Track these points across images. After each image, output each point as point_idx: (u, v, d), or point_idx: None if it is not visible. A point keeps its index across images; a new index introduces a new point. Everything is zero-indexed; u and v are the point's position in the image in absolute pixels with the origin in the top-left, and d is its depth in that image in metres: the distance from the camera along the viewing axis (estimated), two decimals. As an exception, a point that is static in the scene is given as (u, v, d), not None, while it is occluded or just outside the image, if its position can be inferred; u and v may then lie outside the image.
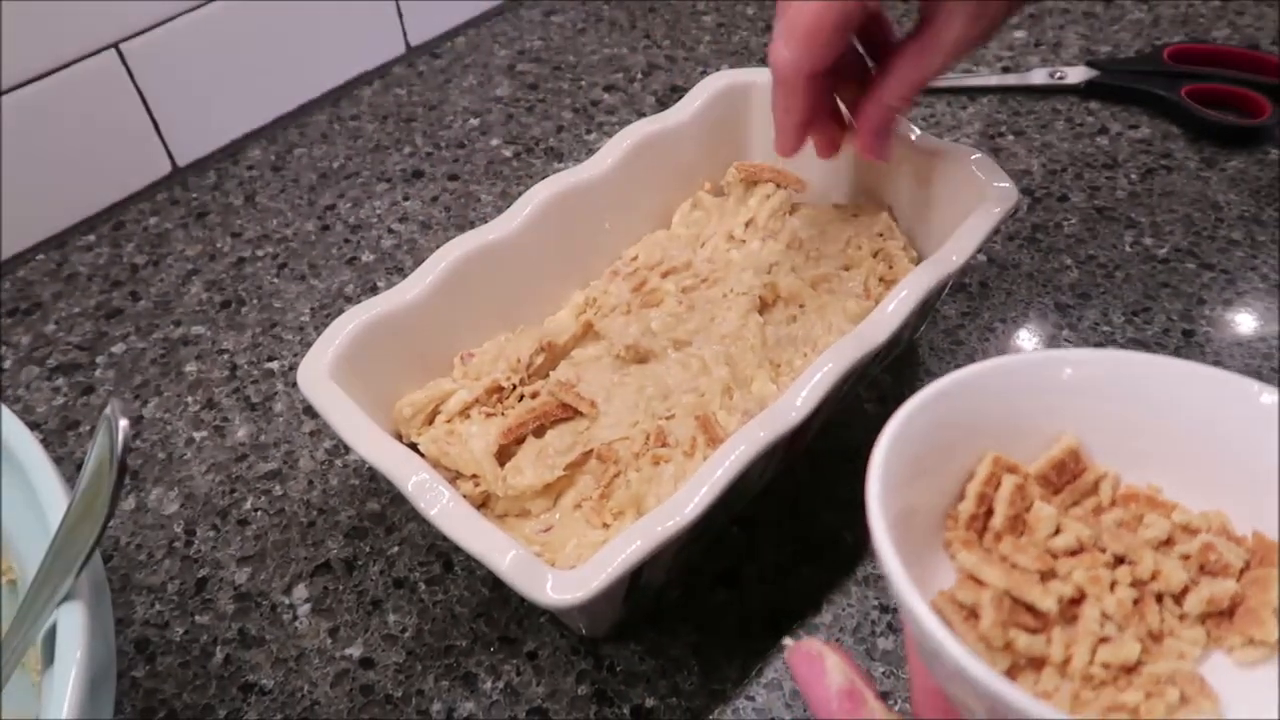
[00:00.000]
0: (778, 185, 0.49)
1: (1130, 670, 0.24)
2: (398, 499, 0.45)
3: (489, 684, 0.39)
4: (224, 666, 0.41)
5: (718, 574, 0.42)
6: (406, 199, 0.61)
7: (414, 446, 0.40)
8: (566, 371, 0.43)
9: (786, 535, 0.43)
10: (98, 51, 0.57)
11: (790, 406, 0.36)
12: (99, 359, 0.53)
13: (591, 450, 0.40)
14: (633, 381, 0.42)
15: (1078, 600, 0.25)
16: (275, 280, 0.57)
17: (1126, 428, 0.27)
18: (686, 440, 0.39)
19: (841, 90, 0.43)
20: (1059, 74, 0.64)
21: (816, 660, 0.25)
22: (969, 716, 0.22)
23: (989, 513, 0.27)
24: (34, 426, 0.50)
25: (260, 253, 0.59)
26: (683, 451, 0.39)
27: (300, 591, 0.43)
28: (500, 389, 0.42)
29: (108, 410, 0.25)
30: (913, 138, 0.46)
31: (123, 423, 0.25)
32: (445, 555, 0.43)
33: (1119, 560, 0.26)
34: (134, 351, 0.54)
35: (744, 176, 0.49)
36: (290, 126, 0.67)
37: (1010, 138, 0.61)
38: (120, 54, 0.58)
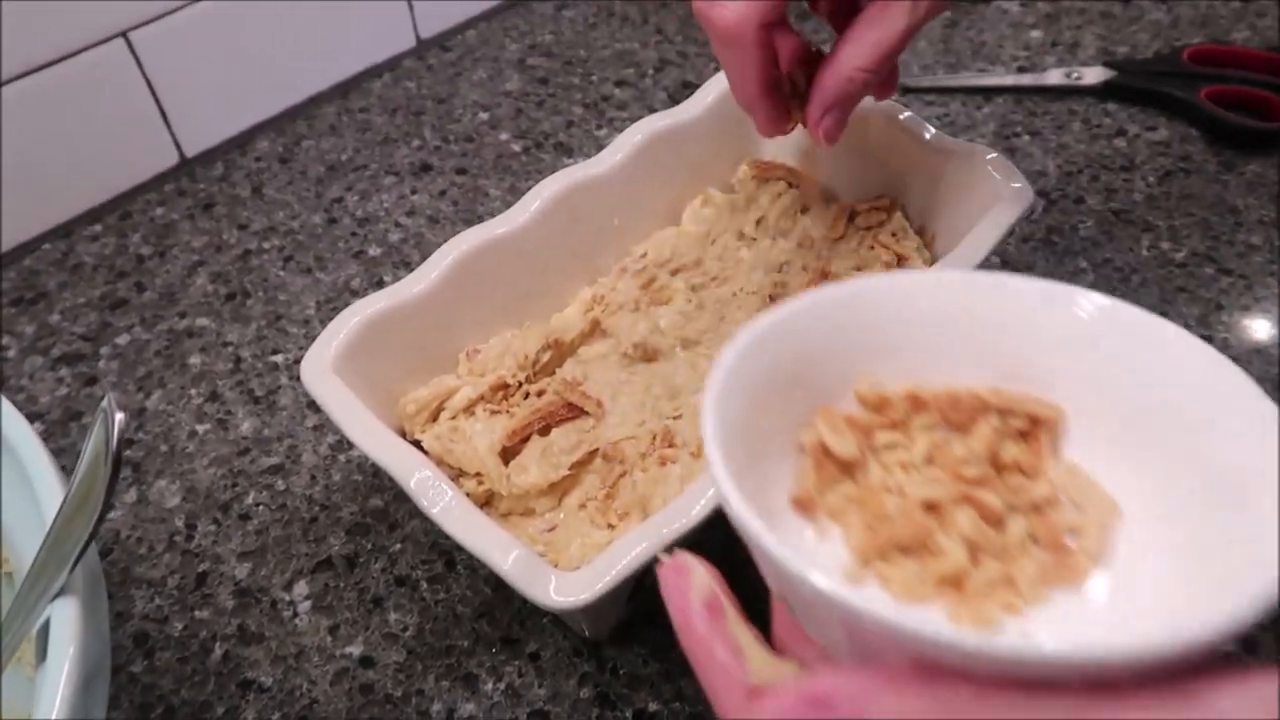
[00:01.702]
0: (789, 183, 0.48)
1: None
2: (401, 495, 0.45)
3: (490, 685, 0.39)
4: (223, 663, 0.40)
5: (725, 574, 0.42)
6: (414, 192, 0.61)
7: (418, 443, 0.40)
8: (573, 369, 0.43)
9: (794, 538, 0.43)
10: (106, 40, 0.57)
11: (800, 408, 0.36)
12: (103, 350, 0.53)
13: (597, 450, 0.39)
14: (640, 380, 0.41)
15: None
16: (281, 273, 0.56)
17: (982, 345, 0.27)
18: (694, 441, 0.39)
19: (793, 73, 0.39)
20: (1076, 74, 0.63)
21: (684, 572, 0.25)
22: (815, 632, 0.23)
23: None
24: (37, 417, 0.50)
25: (267, 245, 0.58)
26: (689, 452, 0.38)
27: (301, 588, 0.42)
28: (506, 386, 0.41)
29: (104, 403, 0.25)
30: (927, 137, 0.45)
31: (119, 416, 0.25)
32: (448, 553, 0.43)
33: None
34: (138, 343, 0.53)
35: (755, 174, 0.49)
36: (299, 118, 0.67)
37: (1026, 138, 0.60)
38: (129, 43, 0.58)
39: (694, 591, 0.24)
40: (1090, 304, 0.26)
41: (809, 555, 0.25)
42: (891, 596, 0.24)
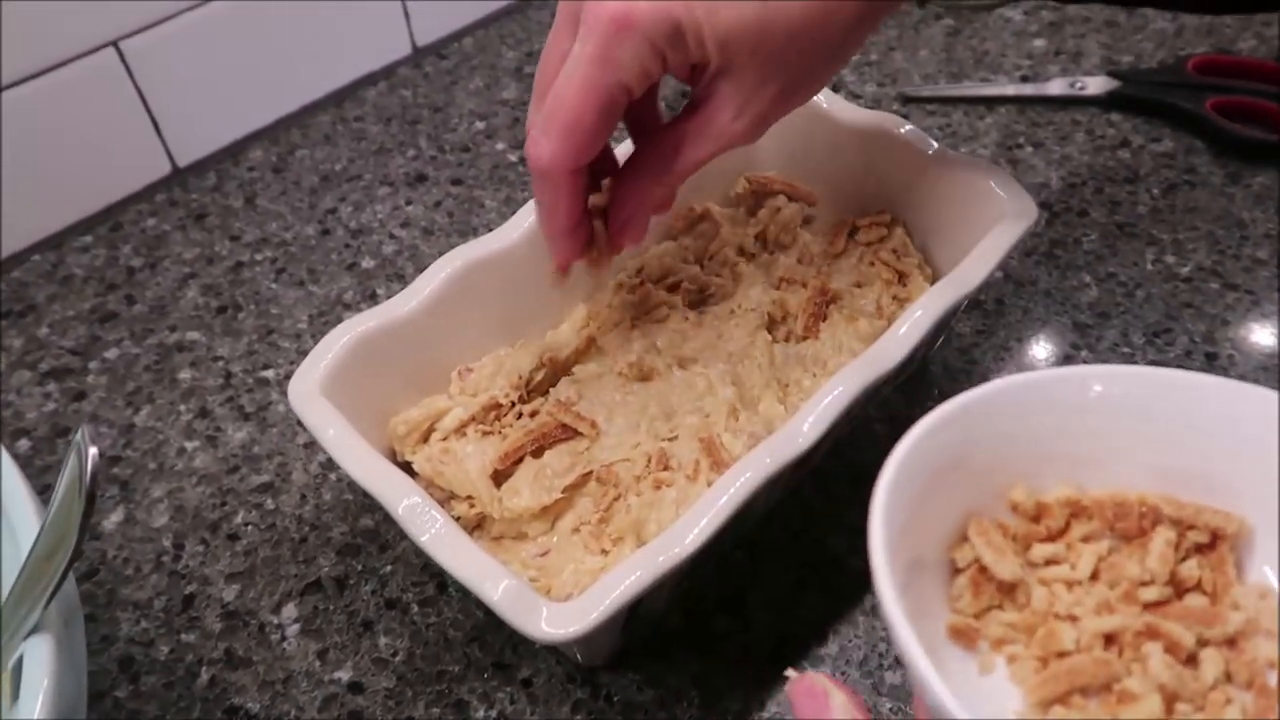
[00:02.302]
0: (789, 198, 0.48)
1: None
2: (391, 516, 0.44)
3: (481, 712, 0.38)
4: (209, 688, 0.39)
5: (720, 600, 0.41)
6: (409, 203, 0.60)
7: (408, 465, 0.39)
8: (567, 389, 0.42)
9: (792, 561, 0.42)
10: (97, 49, 0.56)
11: (798, 432, 0.35)
12: (91, 364, 0.52)
13: (591, 472, 0.39)
14: (635, 400, 0.41)
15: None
16: (273, 285, 0.56)
17: (1155, 445, 0.26)
18: (690, 463, 0.38)
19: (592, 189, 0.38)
20: (1079, 84, 0.62)
21: (821, 697, 0.24)
22: None
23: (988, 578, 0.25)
24: (24, 433, 0.49)
25: (259, 257, 0.58)
26: (685, 475, 0.38)
27: (289, 611, 0.42)
28: (498, 406, 0.41)
29: (76, 437, 0.24)
30: (930, 152, 0.45)
31: (92, 451, 0.24)
32: (439, 576, 0.42)
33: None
34: (127, 357, 0.53)
35: (754, 188, 0.48)
36: (293, 127, 0.66)
37: (1028, 149, 0.60)
38: (120, 52, 0.57)
39: (833, 715, 0.23)
40: (1264, 401, 0.24)
41: (974, 693, 0.24)
42: None
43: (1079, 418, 0.26)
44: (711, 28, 0.31)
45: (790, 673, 0.24)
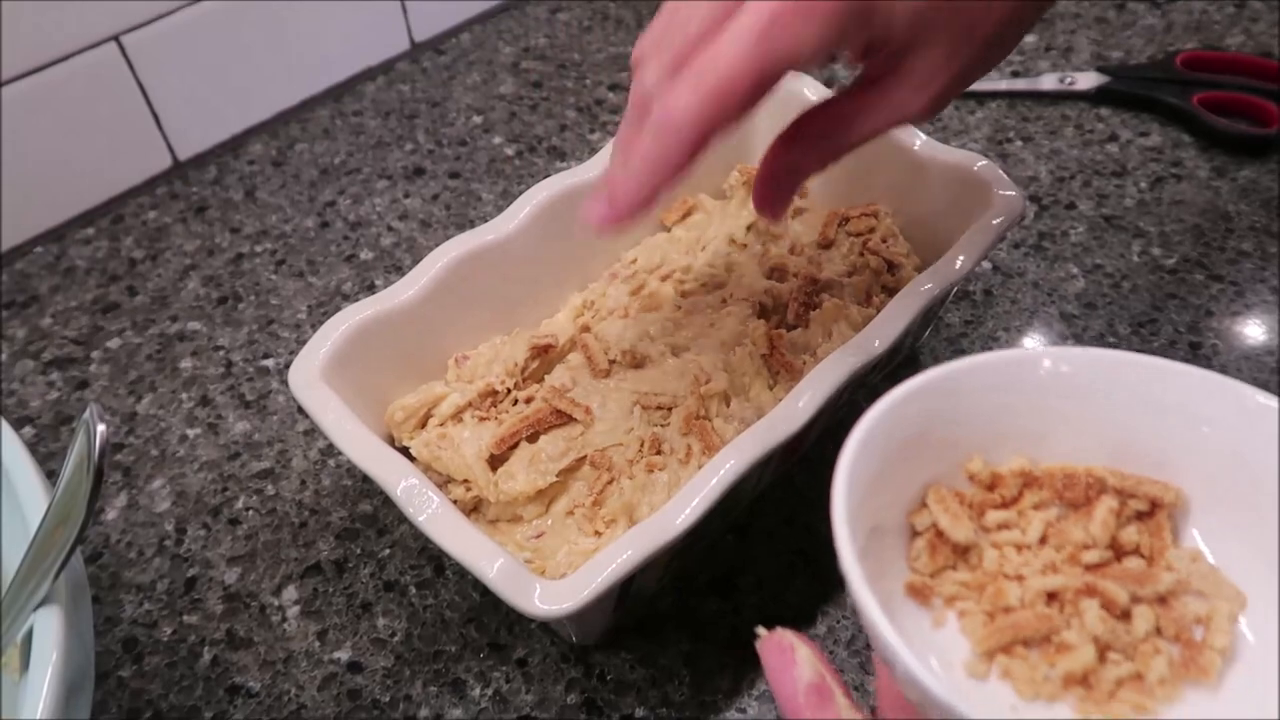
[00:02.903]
0: (780, 189, 0.48)
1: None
2: (390, 500, 0.45)
3: (478, 690, 0.39)
4: (211, 668, 0.40)
5: (711, 582, 0.42)
6: (407, 196, 0.61)
7: (406, 450, 0.40)
8: (562, 375, 0.42)
9: (781, 544, 0.43)
10: (98, 44, 0.57)
11: (787, 416, 0.36)
12: (94, 354, 0.53)
13: (585, 456, 0.39)
14: (629, 387, 0.41)
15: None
16: (273, 277, 0.57)
17: (1104, 421, 0.27)
18: (682, 448, 0.39)
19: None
20: (1069, 80, 0.63)
21: (787, 651, 0.24)
22: (930, 718, 0.22)
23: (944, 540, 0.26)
24: (28, 421, 0.50)
25: (259, 249, 0.58)
26: (678, 459, 0.39)
27: (290, 593, 0.42)
28: (494, 393, 0.41)
29: (85, 414, 0.25)
30: (917, 145, 0.45)
31: (100, 427, 0.25)
32: (437, 559, 0.43)
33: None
34: (129, 347, 0.53)
35: (746, 179, 0.49)
36: (292, 121, 0.67)
37: (1018, 144, 0.60)
38: (121, 46, 0.58)
39: (799, 670, 0.24)
40: (1205, 382, 0.26)
41: (927, 644, 0.25)
42: (1017, 693, 0.24)
43: (1034, 395, 0.27)
44: (904, 9, 0.30)
45: (760, 630, 0.25)
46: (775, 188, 0.36)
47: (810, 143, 0.35)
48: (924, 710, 0.22)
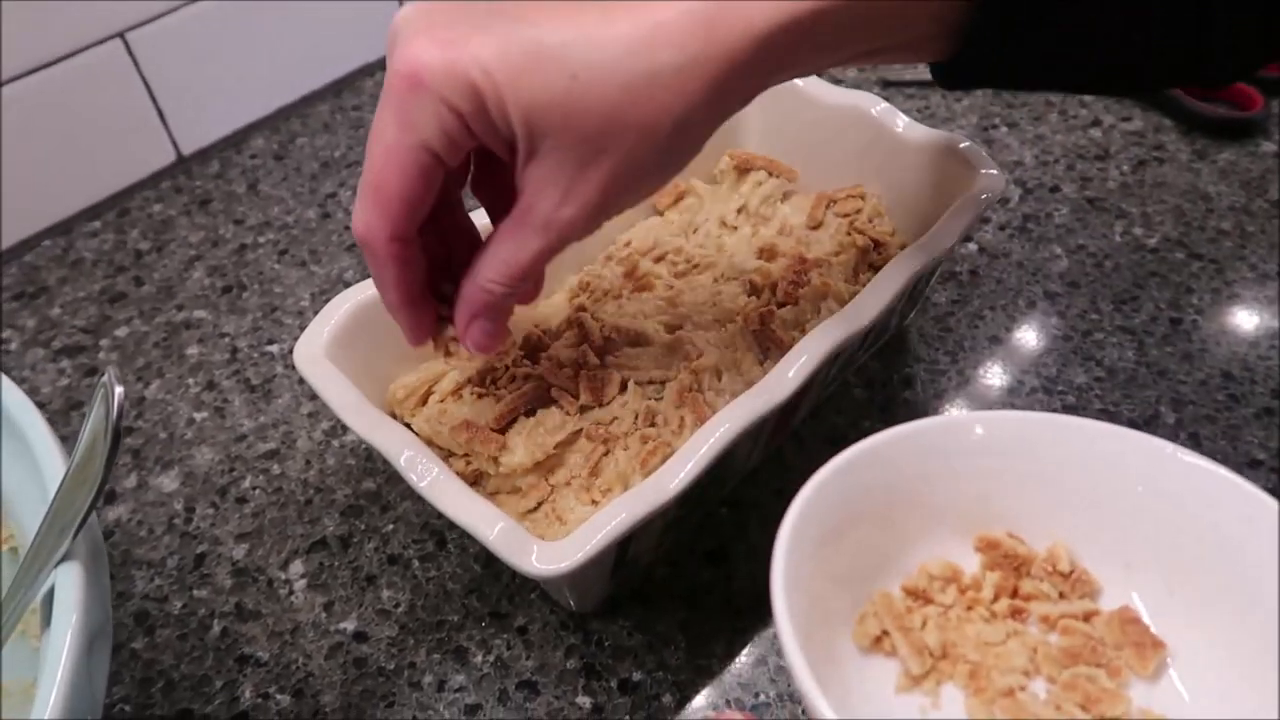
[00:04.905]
0: (770, 173, 0.50)
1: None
2: (393, 478, 0.46)
3: (479, 657, 0.40)
4: (221, 639, 0.41)
5: (706, 553, 0.43)
6: (406, 187, 0.62)
7: (408, 428, 0.41)
8: (559, 353, 0.44)
9: (772, 517, 0.43)
10: (103, 41, 0.58)
11: (776, 385, 0.37)
12: (103, 342, 0.54)
13: (581, 430, 0.41)
14: (623, 363, 0.43)
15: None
16: (276, 266, 0.58)
17: (1033, 484, 0.29)
18: (675, 420, 0.40)
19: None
20: (1053, 67, 0.64)
21: None
22: None
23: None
24: (39, 407, 0.51)
25: (262, 239, 0.60)
26: (671, 430, 0.40)
27: (296, 567, 0.44)
28: (493, 370, 0.43)
29: (104, 378, 0.26)
30: (899, 128, 0.47)
31: (118, 390, 0.26)
32: (439, 533, 0.44)
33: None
34: (137, 335, 0.55)
35: (736, 164, 0.50)
36: (293, 116, 0.68)
37: (1004, 129, 0.62)
38: (126, 43, 0.59)
39: None
40: (1139, 443, 0.29)
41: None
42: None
43: (970, 458, 0.29)
44: (515, 100, 0.28)
45: (710, 715, 0.27)
46: (475, 324, 0.35)
47: (485, 279, 0.33)
48: None
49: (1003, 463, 0.29)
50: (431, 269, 0.35)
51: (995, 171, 0.44)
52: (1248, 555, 0.26)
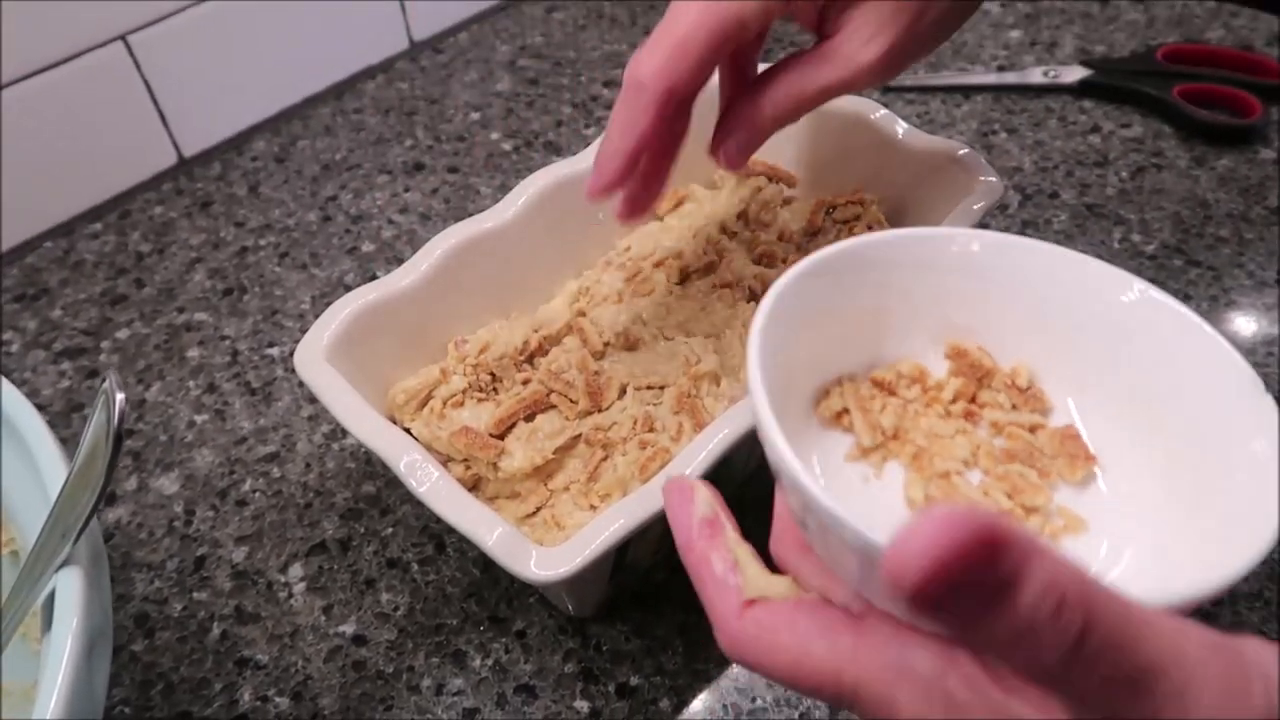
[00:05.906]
0: (770, 179, 0.50)
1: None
2: (392, 482, 0.46)
3: (478, 661, 0.40)
4: (220, 641, 0.42)
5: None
6: (407, 190, 0.62)
7: (408, 432, 0.41)
8: (558, 358, 0.44)
9: (769, 520, 0.44)
10: (105, 43, 0.59)
11: (773, 392, 0.37)
12: (104, 344, 0.55)
13: (580, 435, 0.41)
14: (623, 369, 0.43)
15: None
16: (277, 269, 0.58)
17: (1014, 306, 0.30)
18: (673, 426, 0.40)
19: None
20: (1053, 73, 0.65)
21: (687, 491, 0.26)
22: (822, 553, 0.24)
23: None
24: (40, 409, 0.51)
25: (263, 242, 0.60)
26: (669, 436, 0.40)
27: (296, 570, 0.44)
28: (493, 375, 0.43)
29: (105, 383, 0.26)
30: (900, 134, 0.47)
31: (120, 395, 0.26)
32: (438, 537, 0.44)
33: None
34: (138, 337, 0.55)
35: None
36: (294, 119, 0.68)
37: (1003, 135, 0.62)
38: (128, 46, 0.60)
39: (695, 508, 0.25)
40: (1100, 269, 0.29)
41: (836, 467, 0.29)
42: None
43: (944, 274, 0.30)
44: None
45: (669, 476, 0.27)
46: (731, 137, 0.37)
47: (768, 96, 0.36)
48: (805, 520, 0.24)
49: (991, 282, 0.30)
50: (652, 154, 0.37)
51: (994, 178, 0.44)
52: (1203, 404, 0.27)
